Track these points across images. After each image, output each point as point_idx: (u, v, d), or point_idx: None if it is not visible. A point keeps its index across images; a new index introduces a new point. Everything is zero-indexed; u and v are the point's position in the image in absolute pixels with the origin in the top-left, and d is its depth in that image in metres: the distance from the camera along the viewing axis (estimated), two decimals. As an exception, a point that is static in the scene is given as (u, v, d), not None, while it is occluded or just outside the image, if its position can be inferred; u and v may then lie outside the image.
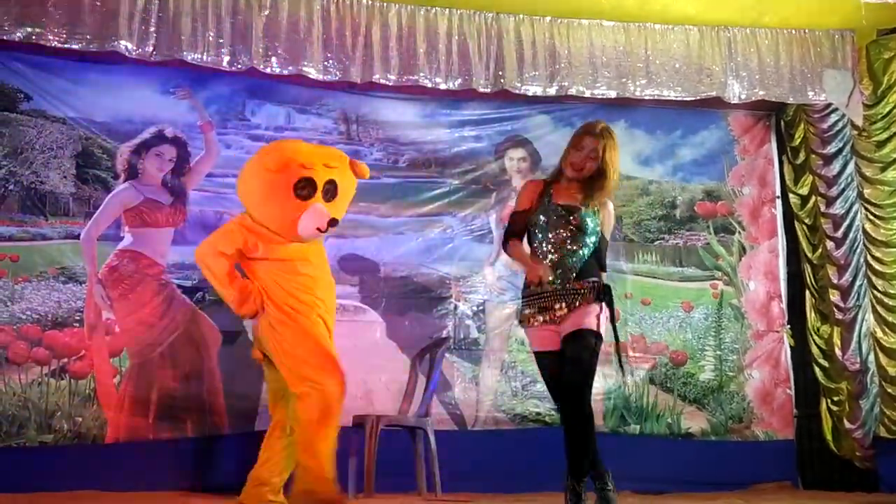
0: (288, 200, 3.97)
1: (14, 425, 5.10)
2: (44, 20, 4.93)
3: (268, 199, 4.02)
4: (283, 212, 3.99)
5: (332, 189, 4.07)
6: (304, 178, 3.98)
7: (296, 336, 3.93)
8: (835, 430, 6.02)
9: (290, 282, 4.02)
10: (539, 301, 3.72)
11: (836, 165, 6.09)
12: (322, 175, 4.03)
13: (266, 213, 4.04)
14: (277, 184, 3.97)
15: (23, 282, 5.30)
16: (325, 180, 4.04)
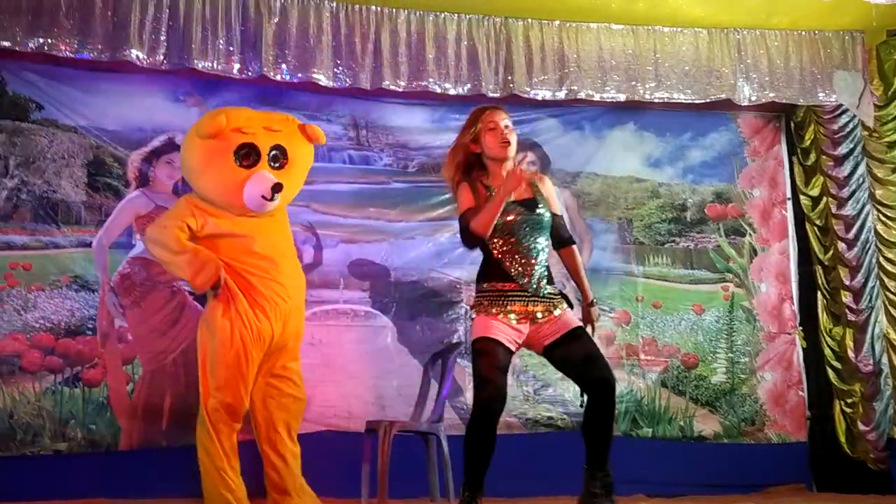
0: (229, 169, 3.74)
1: (29, 434, 5.12)
2: (55, 30, 4.96)
3: (208, 169, 3.80)
4: (225, 182, 3.76)
5: (279, 155, 3.84)
6: (245, 143, 3.76)
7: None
8: (848, 432, 6.00)
9: (243, 262, 3.80)
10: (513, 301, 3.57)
11: (847, 166, 6.08)
12: (265, 140, 3.81)
13: (208, 186, 3.81)
14: (216, 152, 3.75)
15: (36, 290, 5.31)
16: (269, 145, 3.81)
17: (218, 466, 3.78)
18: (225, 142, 3.75)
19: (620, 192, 6.36)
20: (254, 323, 3.82)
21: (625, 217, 6.34)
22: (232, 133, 3.76)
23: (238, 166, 3.75)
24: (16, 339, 5.21)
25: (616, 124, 6.41)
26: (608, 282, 6.20)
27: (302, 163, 4.01)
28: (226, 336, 3.77)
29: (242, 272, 3.78)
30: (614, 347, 6.10)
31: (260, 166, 3.78)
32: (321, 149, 5.93)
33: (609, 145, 6.38)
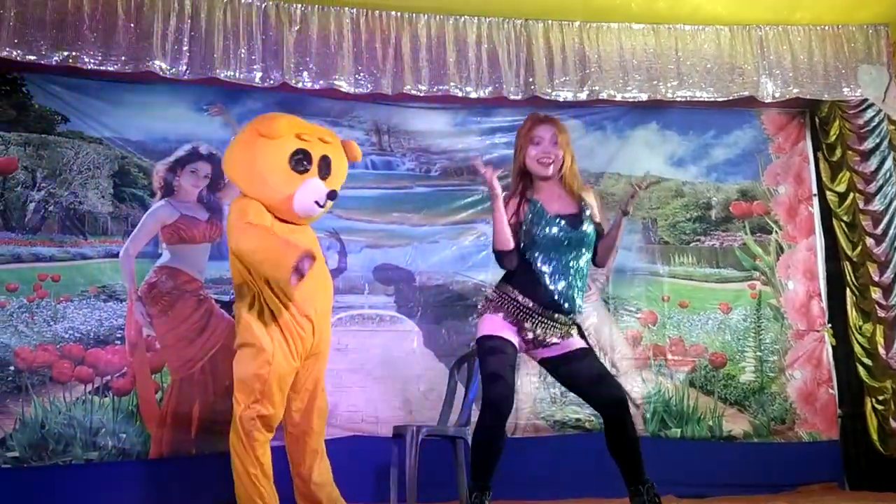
0: (283, 172, 3.78)
1: (60, 444, 5.17)
2: (80, 43, 5.01)
3: (262, 168, 3.81)
4: (277, 183, 3.80)
5: (326, 166, 3.90)
6: (301, 149, 3.82)
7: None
8: (880, 430, 5.92)
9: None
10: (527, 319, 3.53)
11: (873, 161, 6.02)
12: (318, 149, 3.87)
13: (259, 186, 3.84)
14: (272, 153, 3.79)
15: (65, 301, 5.37)
16: (320, 155, 3.88)
17: (251, 473, 3.82)
18: (282, 145, 3.80)
19: (644, 192, 6.29)
20: (296, 332, 3.84)
21: (649, 217, 6.31)
22: (292, 137, 3.82)
23: (292, 170, 3.79)
24: (46, 350, 5.27)
25: (638, 124, 6.38)
26: (633, 282, 6.17)
27: (341, 177, 4.07)
28: (267, 347, 3.79)
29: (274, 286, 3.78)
30: (641, 348, 6.08)
31: (311, 174, 3.84)
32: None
33: (632, 145, 6.36)
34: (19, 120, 5.50)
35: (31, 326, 5.27)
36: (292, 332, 3.83)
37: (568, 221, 3.57)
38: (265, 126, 3.80)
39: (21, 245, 5.38)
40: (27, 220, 5.44)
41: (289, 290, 3.73)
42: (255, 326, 3.82)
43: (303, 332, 3.85)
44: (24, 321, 5.27)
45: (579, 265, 3.57)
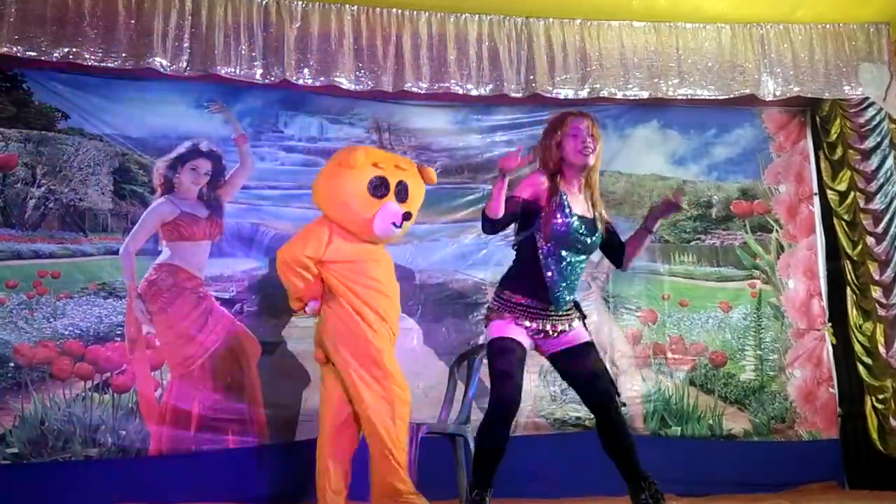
0: (363, 198, 4.27)
1: (59, 440, 5.17)
2: (80, 40, 5.02)
3: (344, 196, 4.31)
4: (358, 209, 4.28)
5: (403, 190, 4.37)
6: (379, 176, 4.30)
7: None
8: (881, 429, 5.92)
9: (357, 284, 4.28)
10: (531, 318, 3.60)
11: (874, 160, 6.02)
12: (394, 175, 4.35)
13: (342, 211, 4.34)
14: (353, 181, 4.29)
15: (64, 298, 5.36)
16: (397, 180, 4.35)
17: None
18: (361, 173, 4.28)
19: (645, 191, 6.33)
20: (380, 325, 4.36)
21: (650, 215, 6.29)
22: (369, 166, 4.30)
23: (371, 196, 4.28)
24: (46, 346, 5.26)
25: (639, 122, 6.38)
26: (634, 280, 6.16)
27: (418, 200, 4.55)
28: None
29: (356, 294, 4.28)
30: (641, 346, 6.08)
31: (388, 198, 4.31)
32: (344, 152, 5.99)
33: (632, 143, 6.35)
34: (19, 116, 5.49)
35: (31, 323, 5.27)
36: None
37: (585, 224, 3.63)
38: (345, 158, 4.31)
39: (21, 242, 5.38)
40: (27, 216, 5.43)
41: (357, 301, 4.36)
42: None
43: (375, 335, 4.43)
44: (24, 318, 5.27)
45: (580, 269, 3.65)
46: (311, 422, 5.50)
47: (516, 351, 3.55)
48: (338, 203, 4.36)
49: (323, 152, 5.97)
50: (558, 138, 3.65)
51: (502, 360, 3.55)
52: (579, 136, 3.61)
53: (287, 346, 5.63)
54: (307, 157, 5.96)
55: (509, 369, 3.51)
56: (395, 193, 4.34)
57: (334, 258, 4.29)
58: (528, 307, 3.60)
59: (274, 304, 5.61)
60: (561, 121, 3.70)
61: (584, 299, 6.00)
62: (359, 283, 4.30)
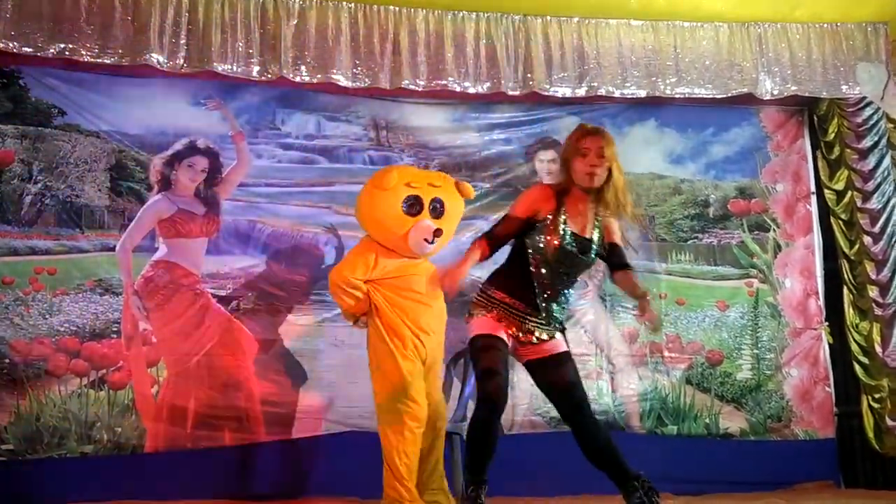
0: (398, 217, 4.47)
1: (55, 437, 5.16)
2: (76, 36, 5.00)
3: (381, 216, 4.52)
4: (394, 227, 4.47)
5: (439, 207, 4.56)
6: (412, 195, 4.50)
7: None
8: (877, 428, 5.93)
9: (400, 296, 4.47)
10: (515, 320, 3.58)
11: (871, 160, 6.02)
12: (428, 193, 4.54)
13: (380, 230, 4.55)
14: (388, 201, 4.48)
15: (61, 294, 5.36)
16: (431, 198, 4.54)
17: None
18: (396, 193, 4.47)
19: (642, 189, 6.32)
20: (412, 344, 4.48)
21: (647, 214, 6.30)
22: (402, 186, 4.48)
23: (405, 214, 4.47)
24: (42, 342, 5.26)
25: (637, 121, 6.38)
26: (631, 279, 6.16)
27: (456, 215, 4.71)
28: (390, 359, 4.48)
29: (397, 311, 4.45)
30: (638, 345, 6.07)
31: (422, 215, 4.49)
32: (341, 150, 5.99)
33: (630, 142, 6.34)
34: (16, 113, 5.49)
35: (27, 319, 5.26)
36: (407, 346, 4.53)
37: (578, 243, 3.59)
38: (379, 180, 4.51)
39: (17, 238, 5.38)
40: (23, 213, 5.43)
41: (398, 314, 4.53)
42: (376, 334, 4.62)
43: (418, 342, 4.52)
44: (20, 314, 5.26)
45: (569, 286, 3.63)
46: (307, 419, 5.51)
47: (499, 347, 3.52)
48: (376, 223, 4.57)
49: (320, 150, 5.98)
50: (570, 156, 3.59)
51: (486, 356, 3.51)
52: (588, 156, 3.54)
53: (283, 343, 5.62)
54: (304, 155, 5.96)
55: (493, 366, 3.47)
56: (429, 210, 4.52)
57: (380, 276, 4.48)
58: (511, 307, 3.57)
59: (270, 302, 5.61)
60: (574, 138, 3.63)
61: (580, 298, 6.02)
62: (401, 296, 4.47)
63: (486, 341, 3.54)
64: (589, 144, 3.55)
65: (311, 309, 5.61)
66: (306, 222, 5.78)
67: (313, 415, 5.53)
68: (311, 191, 5.83)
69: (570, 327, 5.90)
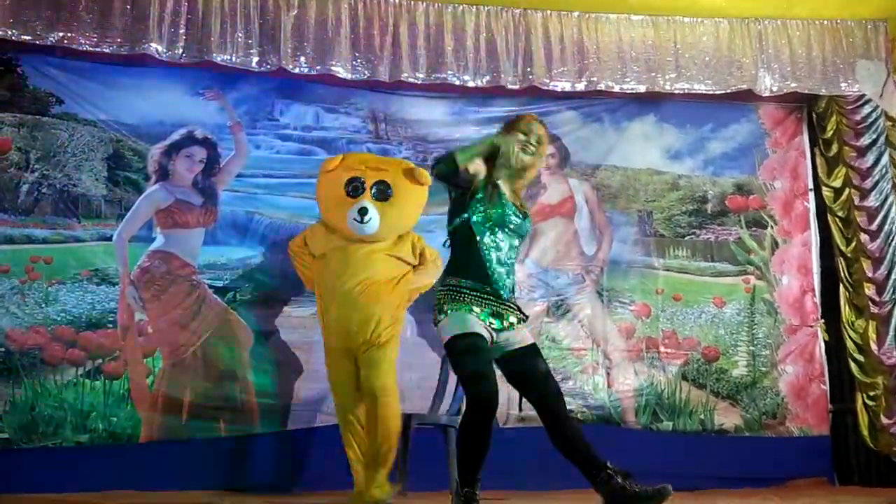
0: (340, 198, 4.63)
1: (50, 426, 5.16)
2: (75, 24, 5.01)
3: (325, 197, 4.76)
4: (336, 208, 4.65)
5: (383, 189, 4.66)
6: (353, 177, 4.65)
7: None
8: (871, 426, 5.93)
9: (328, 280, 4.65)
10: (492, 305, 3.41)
11: (869, 157, 6.03)
12: (371, 176, 4.67)
13: (325, 211, 4.79)
14: (332, 184, 4.69)
15: (57, 284, 5.35)
16: (374, 180, 4.66)
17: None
18: (339, 176, 4.68)
19: (640, 185, 6.33)
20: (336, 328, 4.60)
21: (645, 209, 6.30)
22: (345, 170, 4.69)
23: (347, 196, 4.62)
24: (37, 332, 5.25)
25: (636, 116, 6.37)
26: (628, 274, 6.17)
27: (409, 199, 4.77)
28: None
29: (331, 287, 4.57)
30: (634, 340, 6.08)
31: (364, 197, 4.62)
32: (339, 142, 5.97)
33: (629, 137, 6.35)
34: (13, 101, 5.48)
35: (23, 308, 5.26)
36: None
37: (517, 211, 3.56)
38: (325, 164, 4.79)
39: (14, 227, 5.37)
40: (20, 201, 5.42)
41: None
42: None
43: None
44: (16, 303, 5.26)
45: (514, 253, 3.55)
46: (302, 411, 5.51)
47: (481, 346, 3.36)
48: (322, 205, 4.83)
49: (318, 141, 5.97)
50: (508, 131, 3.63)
51: (470, 359, 3.36)
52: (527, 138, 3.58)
53: (280, 335, 5.62)
54: (302, 146, 5.95)
55: (481, 368, 3.33)
56: (371, 193, 4.64)
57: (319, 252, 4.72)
58: (475, 290, 3.41)
59: (267, 293, 5.61)
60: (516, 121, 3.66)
61: (577, 293, 6.02)
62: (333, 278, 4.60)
63: (466, 342, 3.35)
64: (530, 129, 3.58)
65: (308, 301, 5.59)
66: (304, 214, 5.77)
67: (308, 407, 5.52)
68: (309, 182, 5.79)
69: (567, 322, 6.02)
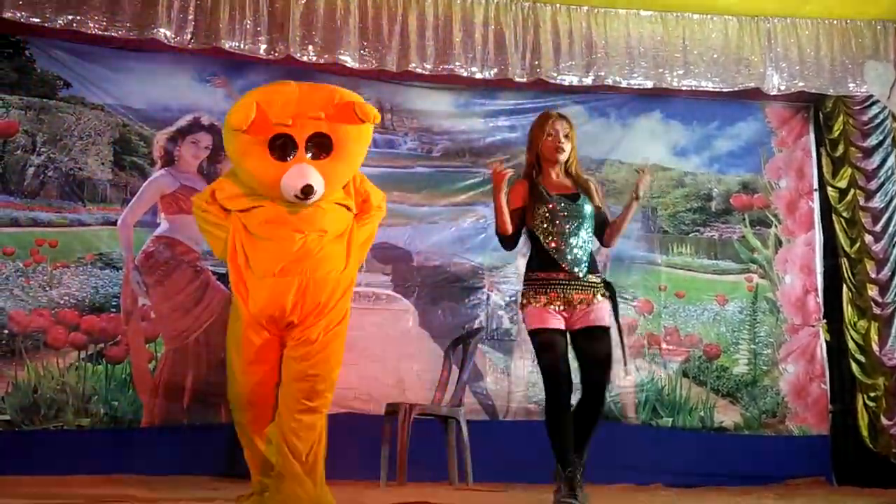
0: (265, 162, 3.40)
1: (52, 409, 5.18)
2: (84, 8, 5.01)
3: (245, 161, 3.46)
4: (262, 175, 3.43)
5: (321, 143, 3.45)
6: (279, 135, 3.41)
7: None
8: (871, 427, 5.94)
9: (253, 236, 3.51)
10: (555, 289, 3.79)
11: (876, 158, 6.02)
12: (302, 130, 3.43)
13: (248, 177, 3.51)
14: (251, 144, 3.41)
15: (61, 267, 5.36)
16: (307, 134, 3.43)
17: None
18: (259, 134, 3.40)
19: (649, 177, 6.31)
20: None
21: (649, 205, 6.30)
22: (265, 123, 3.39)
23: (275, 159, 3.40)
24: (41, 314, 5.27)
25: (642, 112, 6.37)
26: (631, 270, 6.17)
27: (350, 147, 3.56)
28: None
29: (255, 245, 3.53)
30: (636, 336, 6.08)
31: (297, 158, 3.41)
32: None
33: (635, 133, 6.34)
34: (21, 83, 5.48)
35: (27, 291, 5.27)
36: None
37: (566, 198, 3.88)
38: (232, 119, 3.41)
39: (19, 209, 5.38)
40: (26, 184, 5.43)
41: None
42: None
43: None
44: (20, 285, 5.27)
45: (580, 235, 3.84)
46: (303, 399, 5.51)
47: (556, 342, 3.74)
48: (241, 169, 3.53)
49: (325, 130, 5.95)
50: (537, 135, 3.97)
51: (548, 356, 3.74)
52: (554, 136, 3.92)
53: (282, 323, 5.62)
54: (308, 135, 5.93)
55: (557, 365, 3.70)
56: (308, 149, 3.43)
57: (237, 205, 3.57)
58: (549, 279, 3.78)
59: (270, 281, 5.60)
60: (540, 122, 4.00)
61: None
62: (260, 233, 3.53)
63: (543, 338, 3.75)
64: (556, 126, 3.93)
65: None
66: (309, 202, 5.76)
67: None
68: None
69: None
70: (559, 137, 3.90)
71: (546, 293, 3.78)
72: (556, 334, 3.76)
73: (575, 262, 3.80)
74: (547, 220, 3.84)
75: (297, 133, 3.42)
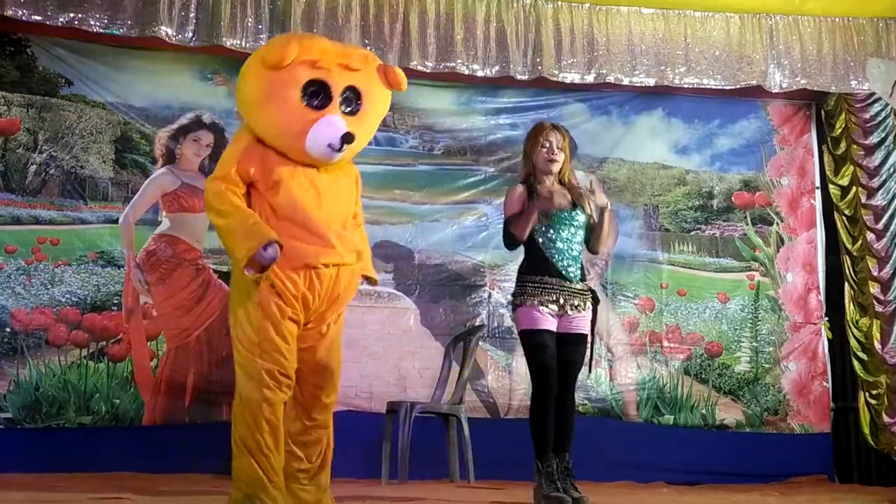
0: (294, 108, 3.09)
1: (54, 406, 5.19)
2: (86, 6, 4.99)
3: (269, 105, 3.11)
4: (287, 122, 3.10)
5: (353, 98, 3.18)
6: (315, 80, 3.10)
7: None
8: (873, 424, 5.93)
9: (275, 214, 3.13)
10: (548, 292, 3.90)
11: (878, 156, 6.01)
12: (339, 79, 3.13)
13: (267, 124, 3.14)
14: (281, 85, 3.09)
15: (63, 265, 5.37)
16: (343, 86, 3.15)
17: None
18: (292, 75, 3.07)
19: (647, 179, 6.32)
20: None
21: (651, 204, 6.30)
22: (302, 66, 3.07)
23: (305, 106, 3.08)
24: (42, 312, 5.27)
25: (644, 110, 6.36)
26: (633, 268, 6.17)
27: (377, 111, 3.34)
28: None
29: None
30: (637, 334, 6.08)
31: (330, 109, 3.10)
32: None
33: (636, 131, 6.34)
34: (23, 81, 5.49)
35: (29, 289, 5.28)
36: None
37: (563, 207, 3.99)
38: (270, 54, 3.10)
39: (21, 207, 5.39)
40: (28, 182, 5.44)
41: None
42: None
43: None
44: (22, 283, 5.28)
45: (573, 243, 3.99)
46: (305, 397, 5.51)
47: (547, 343, 3.85)
48: (262, 113, 3.15)
49: (326, 128, 5.95)
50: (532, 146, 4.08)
51: (539, 355, 3.86)
52: (549, 146, 4.03)
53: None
54: (309, 133, 5.93)
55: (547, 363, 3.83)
56: (340, 103, 3.14)
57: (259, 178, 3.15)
58: (543, 283, 3.90)
59: (272, 279, 5.60)
60: (535, 132, 4.11)
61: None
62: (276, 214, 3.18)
63: (535, 340, 3.86)
64: (550, 137, 4.04)
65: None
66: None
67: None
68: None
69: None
70: (553, 149, 4.01)
71: (539, 295, 3.88)
72: (547, 335, 3.88)
73: (567, 269, 3.92)
74: (543, 227, 3.95)
75: (335, 82, 3.12)
